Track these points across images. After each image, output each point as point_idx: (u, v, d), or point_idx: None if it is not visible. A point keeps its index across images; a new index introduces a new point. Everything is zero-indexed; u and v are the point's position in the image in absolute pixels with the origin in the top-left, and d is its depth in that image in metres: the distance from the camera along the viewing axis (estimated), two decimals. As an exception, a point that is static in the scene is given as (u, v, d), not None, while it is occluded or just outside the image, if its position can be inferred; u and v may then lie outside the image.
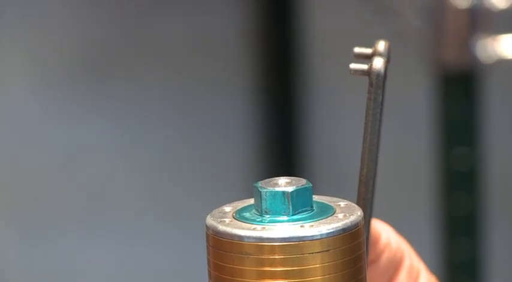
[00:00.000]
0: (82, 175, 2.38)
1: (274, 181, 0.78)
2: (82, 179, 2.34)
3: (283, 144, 2.36)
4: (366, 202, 0.91)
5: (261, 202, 0.78)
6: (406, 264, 0.95)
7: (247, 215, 0.79)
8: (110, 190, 2.39)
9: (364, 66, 0.90)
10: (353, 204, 0.82)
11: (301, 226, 0.76)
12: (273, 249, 0.76)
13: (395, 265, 0.95)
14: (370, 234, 0.93)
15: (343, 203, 0.80)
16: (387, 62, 0.90)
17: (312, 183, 0.79)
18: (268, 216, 0.78)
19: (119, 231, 2.50)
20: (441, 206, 1.90)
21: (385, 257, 0.94)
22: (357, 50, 0.94)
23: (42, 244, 2.58)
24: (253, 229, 0.76)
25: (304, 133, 2.39)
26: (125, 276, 2.63)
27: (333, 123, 2.31)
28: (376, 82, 0.90)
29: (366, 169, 0.92)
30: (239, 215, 0.78)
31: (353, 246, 0.78)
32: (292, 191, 0.77)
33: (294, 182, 0.78)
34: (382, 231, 0.95)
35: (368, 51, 0.92)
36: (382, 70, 0.89)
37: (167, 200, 2.42)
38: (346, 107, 2.21)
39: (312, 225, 0.76)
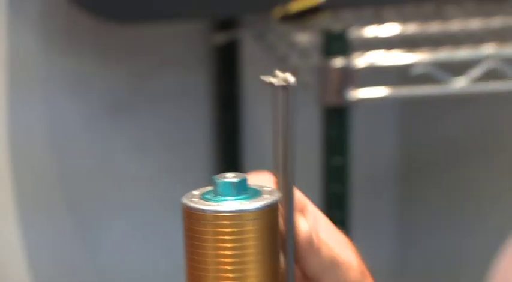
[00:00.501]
0: (109, 177, 2.22)
1: (225, 175, 0.83)
2: (109, 180, 2.24)
3: (232, 156, 2.20)
4: (288, 183, 0.86)
5: (217, 188, 0.82)
6: (309, 209, 0.93)
7: (208, 196, 0.83)
8: (125, 189, 2.19)
9: (280, 79, 0.83)
10: (274, 189, 0.86)
11: (241, 203, 0.81)
12: (224, 218, 0.81)
13: (303, 210, 0.99)
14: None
15: (267, 189, 0.85)
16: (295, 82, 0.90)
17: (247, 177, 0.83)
18: (221, 197, 0.82)
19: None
20: (324, 190, 1.99)
21: (297, 206, 0.98)
22: (263, 77, 0.97)
23: (90, 241, 2.29)
24: (211, 205, 0.81)
25: (247, 149, 2.22)
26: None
27: (267, 140, 2.26)
28: (291, 92, 0.84)
29: (284, 158, 0.86)
30: (203, 196, 0.82)
31: (273, 216, 0.84)
32: (236, 181, 0.82)
33: (237, 176, 0.83)
34: (296, 193, 0.98)
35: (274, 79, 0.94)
36: (295, 82, 0.82)
37: (162, 196, 2.19)
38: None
39: (248, 203, 0.82)
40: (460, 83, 1.80)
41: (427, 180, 2.49)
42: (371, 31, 1.96)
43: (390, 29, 2.02)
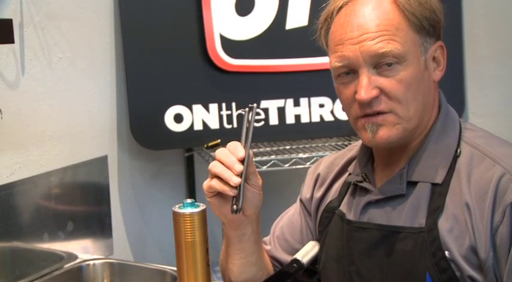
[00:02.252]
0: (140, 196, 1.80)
1: (187, 200, 0.82)
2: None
3: (192, 192, 1.85)
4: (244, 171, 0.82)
5: (184, 204, 0.82)
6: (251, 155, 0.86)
7: (181, 207, 0.82)
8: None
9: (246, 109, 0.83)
10: (204, 204, 0.82)
11: (192, 210, 0.80)
12: (186, 215, 0.80)
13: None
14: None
15: (202, 204, 0.82)
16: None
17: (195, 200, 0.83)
18: (185, 207, 0.81)
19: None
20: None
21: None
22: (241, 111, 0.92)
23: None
24: (182, 210, 0.81)
25: (198, 190, 1.85)
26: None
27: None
28: (253, 113, 0.83)
29: (247, 157, 0.82)
30: (179, 207, 0.82)
31: (204, 214, 0.81)
32: (190, 202, 0.81)
33: (191, 200, 0.82)
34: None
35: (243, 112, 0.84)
36: (255, 107, 0.84)
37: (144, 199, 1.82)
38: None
39: (195, 209, 0.80)
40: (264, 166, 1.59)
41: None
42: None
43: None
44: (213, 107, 1.71)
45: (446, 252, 0.83)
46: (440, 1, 0.90)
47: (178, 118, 1.72)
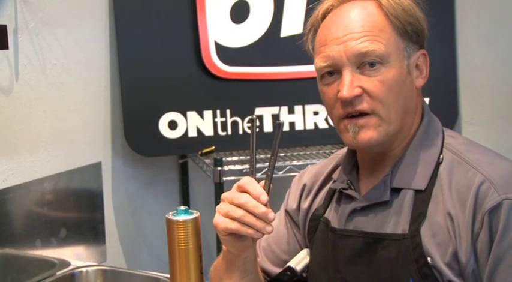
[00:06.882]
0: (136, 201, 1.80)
1: (181, 207, 0.81)
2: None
3: (185, 200, 1.83)
4: (268, 179, 0.82)
5: (178, 211, 0.81)
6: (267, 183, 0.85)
7: (175, 214, 0.81)
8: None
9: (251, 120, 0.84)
10: (198, 211, 0.81)
11: (186, 217, 0.79)
12: (179, 222, 0.79)
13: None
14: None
15: (196, 211, 0.81)
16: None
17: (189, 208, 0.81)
18: (179, 214, 0.80)
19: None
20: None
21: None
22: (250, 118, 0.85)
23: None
24: (176, 217, 0.80)
25: (192, 199, 1.83)
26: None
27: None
28: (281, 127, 0.81)
29: (271, 170, 0.82)
30: (173, 214, 0.81)
31: (198, 221, 0.80)
32: (184, 209, 0.81)
33: (185, 207, 0.81)
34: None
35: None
36: (283, 122, 0.83)
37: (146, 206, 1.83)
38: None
39: (188, 217, 0.80)
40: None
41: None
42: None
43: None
44: (208, 114, 1.71)
45: (429, 259, 0.84)
46: (424, 13, 0.92)
47: (172, 125, 1.72)
